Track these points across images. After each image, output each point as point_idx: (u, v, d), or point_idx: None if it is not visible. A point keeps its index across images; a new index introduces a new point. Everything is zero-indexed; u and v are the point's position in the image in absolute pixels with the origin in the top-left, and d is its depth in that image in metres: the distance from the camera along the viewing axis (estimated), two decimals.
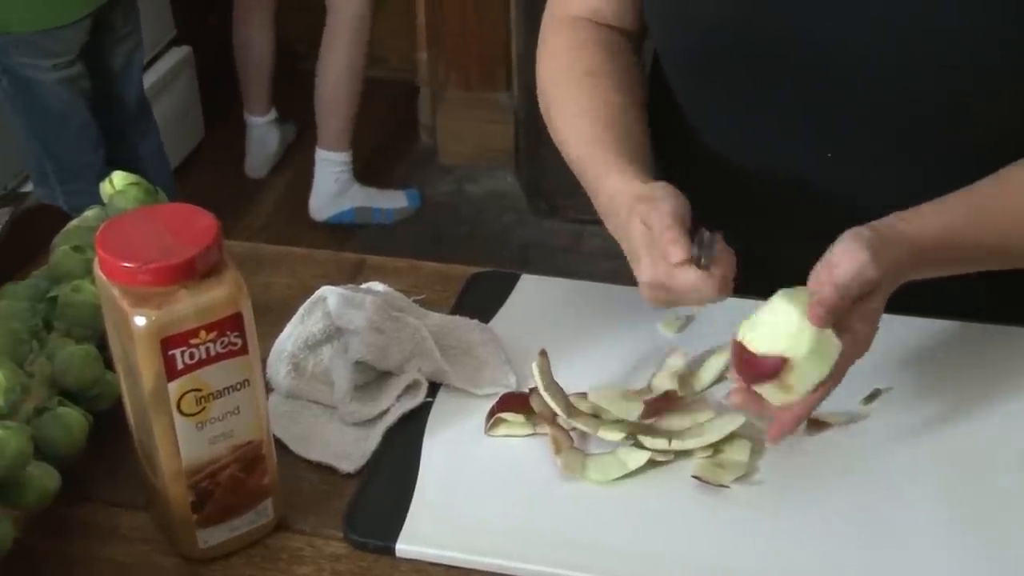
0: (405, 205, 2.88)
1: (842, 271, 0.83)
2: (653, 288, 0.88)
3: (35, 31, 2.11)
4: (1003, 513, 0.84)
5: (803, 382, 0.82)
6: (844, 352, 0.83)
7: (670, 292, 0.87)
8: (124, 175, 1.02)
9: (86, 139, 2.30)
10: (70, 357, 0.88)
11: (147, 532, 0.86)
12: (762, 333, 0.83)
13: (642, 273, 0.88)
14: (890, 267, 0.84)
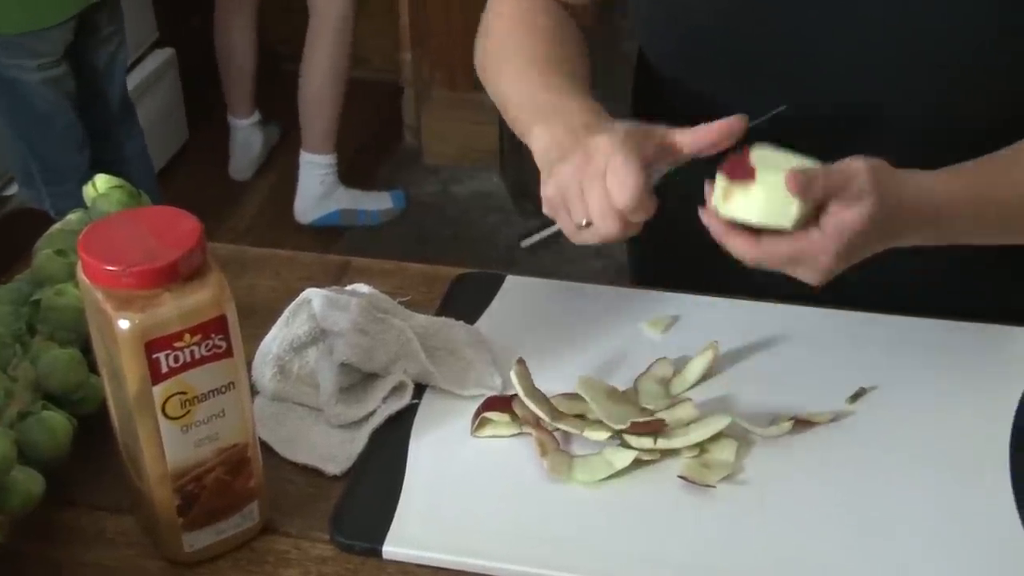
0: (390, 206, 2.88)
1: (834, 166, 0.82)
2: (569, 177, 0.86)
3: (21, 33, 2.11)
4: (988, 510, 0.85)
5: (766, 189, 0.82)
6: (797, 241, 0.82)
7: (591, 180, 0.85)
8: (107, 178, 1.02)
9: (71, 140, 2.29)
10: (54, 361, 0.88)
11: (132, 536, 0.86)
12: None
13: (568, 161, 0.86)
14: (890, 200, 0.83)
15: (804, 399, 0.93)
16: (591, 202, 0.86)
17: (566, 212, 0.88)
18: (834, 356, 0.98)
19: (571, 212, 0.88)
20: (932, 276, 1.05)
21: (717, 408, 0.92)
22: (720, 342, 0.97)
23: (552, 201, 0.89)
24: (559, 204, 0.88)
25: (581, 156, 0.86)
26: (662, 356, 0.97)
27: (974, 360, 0.98)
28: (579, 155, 0.87)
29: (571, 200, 0.87)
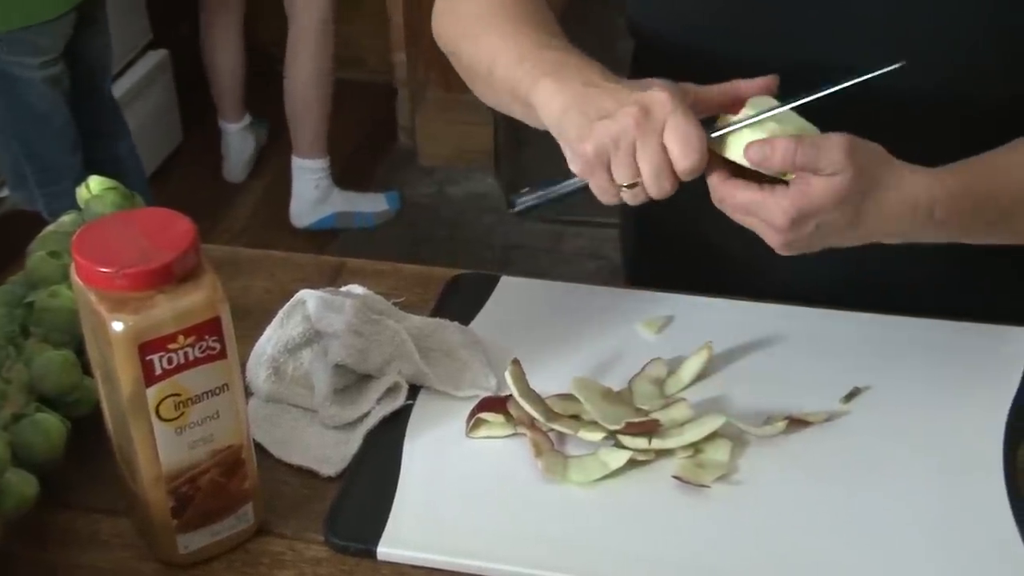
0: (386, 208, 2.88)
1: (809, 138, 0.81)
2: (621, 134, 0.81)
3: (23, 27, 2.11)
4: (982, 510, 0.85)
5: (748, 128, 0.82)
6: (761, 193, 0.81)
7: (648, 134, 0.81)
8: (101, 180, 1.02)
9: (67, 139, 2.30)
10: (48, 363, 0.88)
11: (127, 538, 0.86)
12: None
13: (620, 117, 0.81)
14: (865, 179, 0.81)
15: (798, 399, 0.93)
16: (646, 161, 0.81)
17: (604, 171, 0.82)
18: (828, 356, 0.98)
19: (615, 172, 0.82)
20: (926, 276, 1.05)
21: (712, 408, 0.92)
22: (714, 342, 0.97)
23: (591, 160, 0.82)
24: (598, 163, 0.82)
25: (638, 112, 0.80)
26: (656, 356, 0.97)
27: (968, 360, 0.98)
28: (634, 110, 0.80)
29: (619, 160, 0.81)
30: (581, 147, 0.82)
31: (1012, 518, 0.84)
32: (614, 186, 0.83)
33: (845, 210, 0.81)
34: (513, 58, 0.92)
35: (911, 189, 0.84)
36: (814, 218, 0.81)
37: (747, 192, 0.81)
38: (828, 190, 0.80)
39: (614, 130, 0.81)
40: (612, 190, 0.83)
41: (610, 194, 0.83)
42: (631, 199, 0.83)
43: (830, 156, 0.80)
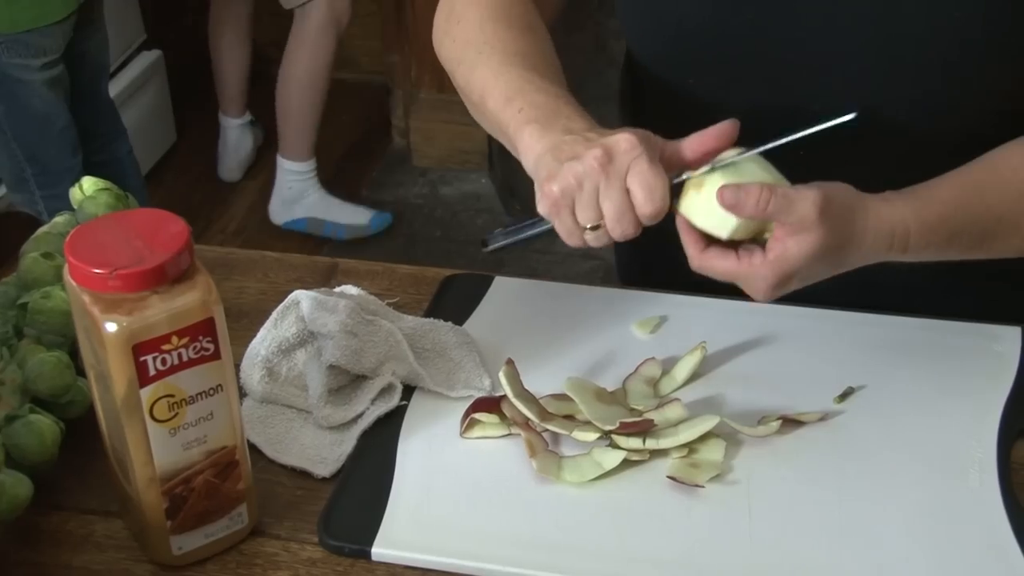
0: (364, 223, 2.82)
1: (781, 189, 0.81)
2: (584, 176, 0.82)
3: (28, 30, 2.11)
4: (976, 509, 0.85)
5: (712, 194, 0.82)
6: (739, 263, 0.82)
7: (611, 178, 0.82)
8: (94, 180, 1.01)
9: (68, 141, 2.30)
10: (41, 364, 0.88)
11: (121, 539, 0.86)
12: None
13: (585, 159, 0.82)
14: (842, 230, 0.82)
15: (792, 399, 0.94)
16: (608, 204, 0.83)
17: (569, 213, 0.85)
18: (822, 356, 0.98)
19: (579, 213, 0.84)
20: (919, 276, 1.05)
21: (705, 408, 0.92)
22: (708, 342, 0.97)
23: (557, 201, 0.84)
24: (564, 204, 0.84)
25: (601, 155, 0.82)
26: (650, 357, 0.97)
27: (962, 359, 0.98)
28: (598, 153, 0.82)
29: (583, 202, 0.83)
30: (548, 187, 0.84)
31: (1006, 517, 0.84)
32: (579, 228, 0.85)
33: (824, 262, 0.83)
34: (502, 97, 0.94)
35: (886, 225, 0.85)
36: (795, 276, 0.83)
37: (725, 263, 0.83)
38: (805, 250, 0.82)
39: (579, 171, 0.83)
40: (577, 232, 0.85)
41: (575, 236, 0.85)
42: (594, 241, 0.85)
43: (801, 211, 0.81)
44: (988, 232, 0.90)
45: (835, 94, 0.96)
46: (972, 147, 0.93)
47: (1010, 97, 0.94)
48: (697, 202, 0.83)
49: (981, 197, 0.89)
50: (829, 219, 0.81)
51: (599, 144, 0.83)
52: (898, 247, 0.86)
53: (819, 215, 0.81)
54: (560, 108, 0.90)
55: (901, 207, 0.86)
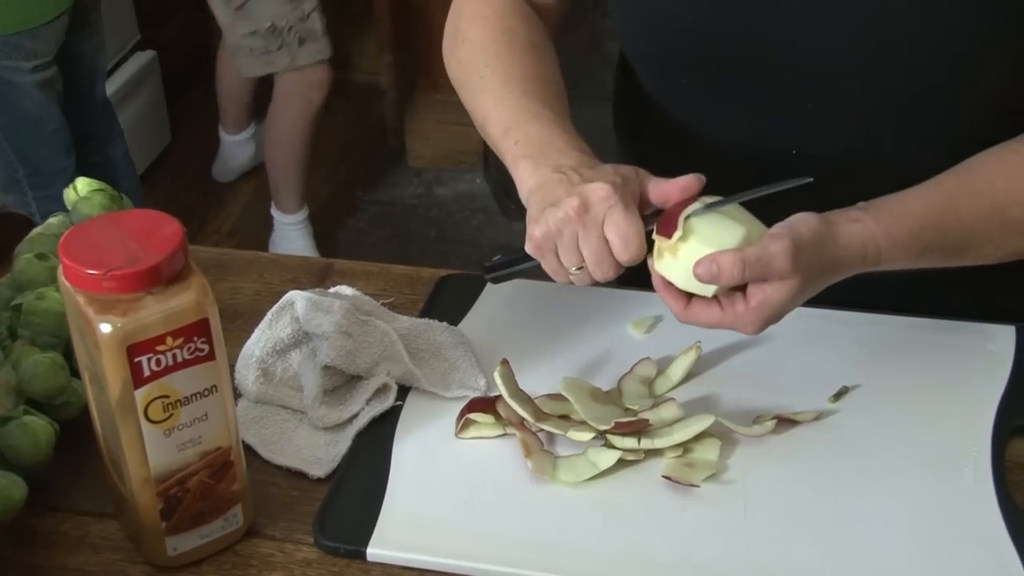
0: None
1: (753, 247, 0.83)
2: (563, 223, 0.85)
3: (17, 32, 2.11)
4: (971, 508, 0.85)
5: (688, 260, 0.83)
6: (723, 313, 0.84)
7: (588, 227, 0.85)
8: (88, 181, 1.01)
9: (60, 143, 2.30)
10: (35, 365, 0.87)
11: (116, 541, 0.85)
12: None
13: (563, 207, 0.85)
14: (814, 266, 0.84)
15: (787, 398, 0.94)
16: (587, 250, 0.86)
17: (553, 255, 0.88)
18: (817, 355, 0.99)
19: (562, 256, 0.87)
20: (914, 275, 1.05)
21: (701, 408, 0.92)
22: (703, 342, 0.97)
23: (540, 245, 0.88)
24: (546, 248, 0.88)
25: (578, 204, 0.85)
26: (646, 356, 0.97)
27: (956, 358, 0.98)
28: (575, 202, 0.85)
29: (564, 247, 0.87)
30: (532, 231, 0.88)
31: (1000, 516, 0.84)
32: (563, 268, 0.88)
33: (804, 294, 0.86)
34: (501, 127, 0.96)
35: (857, 246, 0.86)
36: (779, 314, 0.86)
37: (711, 315, 0.86)
38: (784, 294, 0.84)
39: (558, 219, 0.86)
40: (562, 271, 0.89)
41: (560, 275, 0.89)
42: (578, 280, 0.88)
43: (777, 266, 0.83)
44: (960, 244, 0.91)
45: (827, 94, 0.96)
46: (965, 145, 0.94)
47: (1002, 96, 0.95)
48: (674, 266, 0.85)
49: (954, 210, 0.90)
50: (803, 263, 0.84)
51: (576, 192, 0.86)
52: (871, 262, 0.88)
53: (793, 265, 0.83)
54: (553, 140, 0.93)
55: (871, 226, 0.87)
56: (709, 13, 0.97)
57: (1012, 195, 0.90)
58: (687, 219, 0.84)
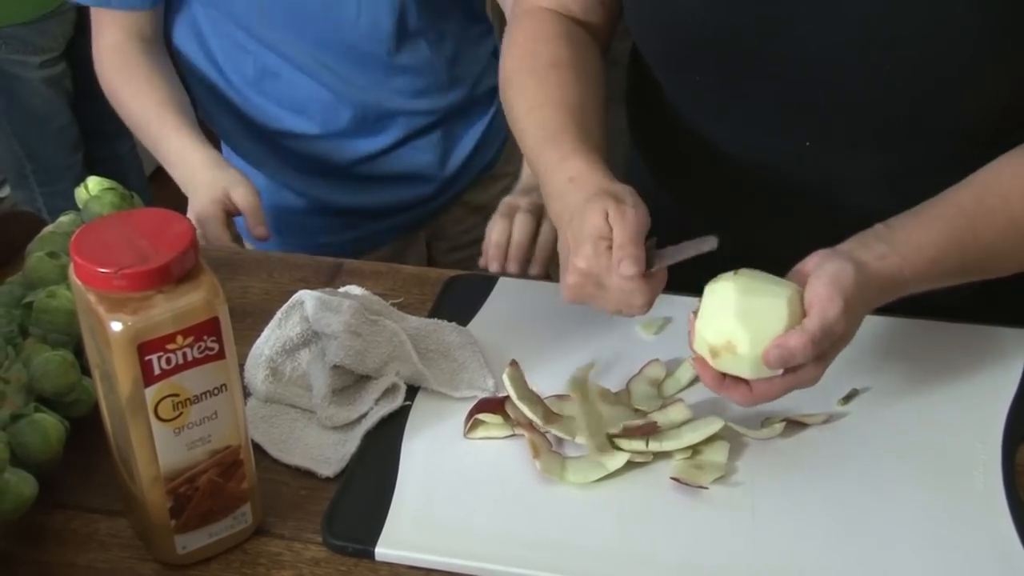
0: None
1: (814, 321, 0.83)
2: (584, 277, 0.88)
3: (22, 23, 2.12)
4: (981, 512, 0.85)
5: (752, 350, 0.84)
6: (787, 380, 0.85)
7: (599, 289, 0.88)
8: (99, 180, 1.02)
9: (67, 140, 2.31)
10: (46, 363, 0.88)
11: (125, 538, 0.86)
12: (708, 323, 0.85)
13: (580, 260, 0.88)
14: (861, 313, 0.86)
15: (796, 400, 0.93)
16: (608, 298, 0.88)
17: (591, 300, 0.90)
18: None
19: (594, 304, 0.90)
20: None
21: (709, 409, 0.92)
22: None
23: (575, 293, 0.90)
24: (583, 296, 0.90)
25: (590, 253, 0.87)
26: (655, 358, 0.97)
27: (967, 361, 0.98)
28: (588, 251, 0.88)
29: (592, 295, 0.89)
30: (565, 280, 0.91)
31: (1011, 520, 0.84)
32: None
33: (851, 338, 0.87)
34: (528, 158, 1.01)
35: (887, 283, 0.87)
36: (832, 358, 0.86)
37: (777, 385, 0.86)
38: (840, 346, 0.86)
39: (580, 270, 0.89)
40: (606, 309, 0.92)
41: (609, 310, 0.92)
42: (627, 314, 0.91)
43: (839, 331, 0.84)
44: (980, 263, 0.92)
45: (836, 86, 0.96)
46: (972, 143, 0.94)
47: (1008, 94, 0.95)
48: (738, 362, 0.85)
49: (972, 230, 0.90)
50: (852, 317, 0.85)
51: (583, 267, 0.88)
52: (896, 293, 0.89)
53: (847, 321, 0.84)
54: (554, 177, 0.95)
55: (897, 261, 0.87)
56: (719, 11, 0.97)
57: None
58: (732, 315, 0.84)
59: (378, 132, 1.43)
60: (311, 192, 1.47)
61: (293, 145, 1.44)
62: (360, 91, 1.39)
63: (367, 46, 1.36)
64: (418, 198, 1.49)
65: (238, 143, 1.45)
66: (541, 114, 1.00)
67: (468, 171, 1.51)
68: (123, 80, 1.40)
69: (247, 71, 1.40)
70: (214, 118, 1.46)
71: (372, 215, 1.47)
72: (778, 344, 0.83)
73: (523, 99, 1.02)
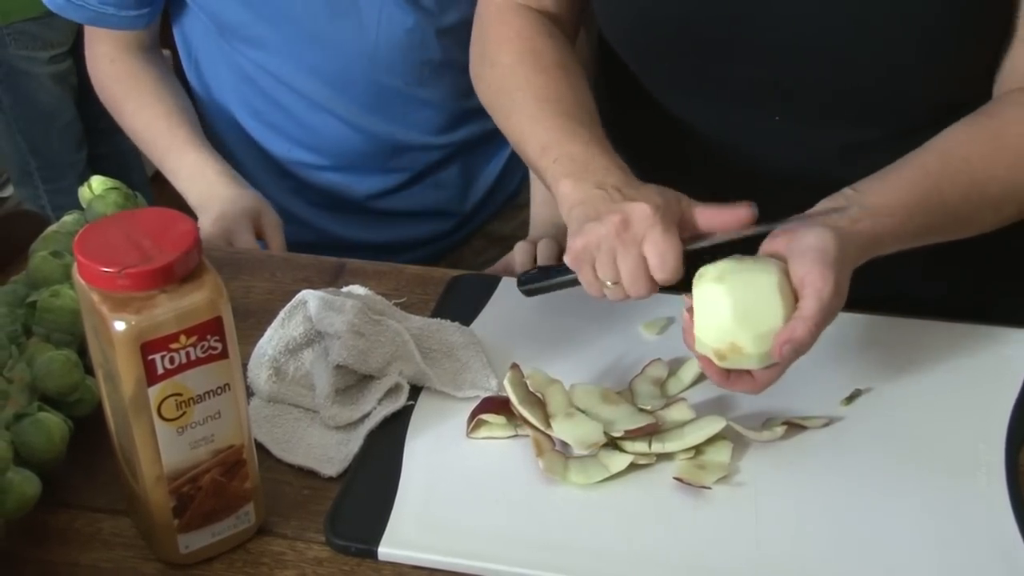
0: None
1: (813, 304, 0.83)
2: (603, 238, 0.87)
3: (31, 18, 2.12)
4: (984, 514, 0.85)
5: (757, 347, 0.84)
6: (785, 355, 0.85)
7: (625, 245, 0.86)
8: (103, 179, 1.02)
9: (72, 136, 2.31)
10: (50, 363, 0.88)
11: (128, 538, 0.86)
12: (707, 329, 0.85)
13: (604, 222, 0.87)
14: (848, 277, 0.86)
15: (799, 401, 0.94)
16: (624, 267, 0.87)
17: (590, 268, 0.89)
18: (829, 358, 0.98)
19: (599, 269, 0.89)
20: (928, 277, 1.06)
21: (712, 409, 0.92)
22: None
23: (579, 256, 0.89)
24: (585, 260, 0.89)
25: (619, 220, 0.86)
26: (657, 358, 0.97)
27: (969, 362, 0.98)
28: (617, 219, 0.87)
29: (601, 260, 0.88)
30: (572, 242, 0.89)
31: (1015, 522, 0.84)
32: (599, 281, 0.89)
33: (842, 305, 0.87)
34: (538, 147, 0.98)
35: (862, 242, 0.87)
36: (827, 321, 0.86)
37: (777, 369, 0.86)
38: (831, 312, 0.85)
39: (600, 234, 0.87)
40: (597, 284, 0.90)
41: (595, 288, 0.90)
42: (612, 295, 0.90)
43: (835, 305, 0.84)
44: (944, 225, 0.92)
45: (804, 65, 0.98)
46: (932, 113, 0.96)
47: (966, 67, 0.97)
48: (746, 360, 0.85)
49: (939, 193, 0.91)
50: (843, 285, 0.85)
51: (619, 210, 0.87)
52: (870, 255, 0.89)
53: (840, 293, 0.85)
54: (595, 159, 0.94)
55: (869, 223, 0.88)
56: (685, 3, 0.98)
57: (988, 172, 0.92)
58: None
59: (393, 168, 1.39)
60: (319, 225, 1.42)
61: (302, 175, 1.40)
62: (375, 124, 1.35)
63: (386, 79, 1.32)
64: (435, 234, 1.45)
65: (242, 170, 1.39)
66: (562, 106, 0.99)
67: (490, 204, 1.46)
68: (124, 92, 1.39)
69: (255, 102, 1.36)
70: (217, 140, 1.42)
71: (386, 250, 1.40)
72: (786, 339, 0.83)
73: (533, 93, 1.01)
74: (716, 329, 0.85)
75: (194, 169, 1.33)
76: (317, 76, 1.32)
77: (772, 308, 0.84)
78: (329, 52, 1.30)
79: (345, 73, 1.31)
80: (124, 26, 1.35)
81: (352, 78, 1.32)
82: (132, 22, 1.35)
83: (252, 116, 1.38)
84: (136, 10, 1.34)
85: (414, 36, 1.30)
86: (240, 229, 1.25)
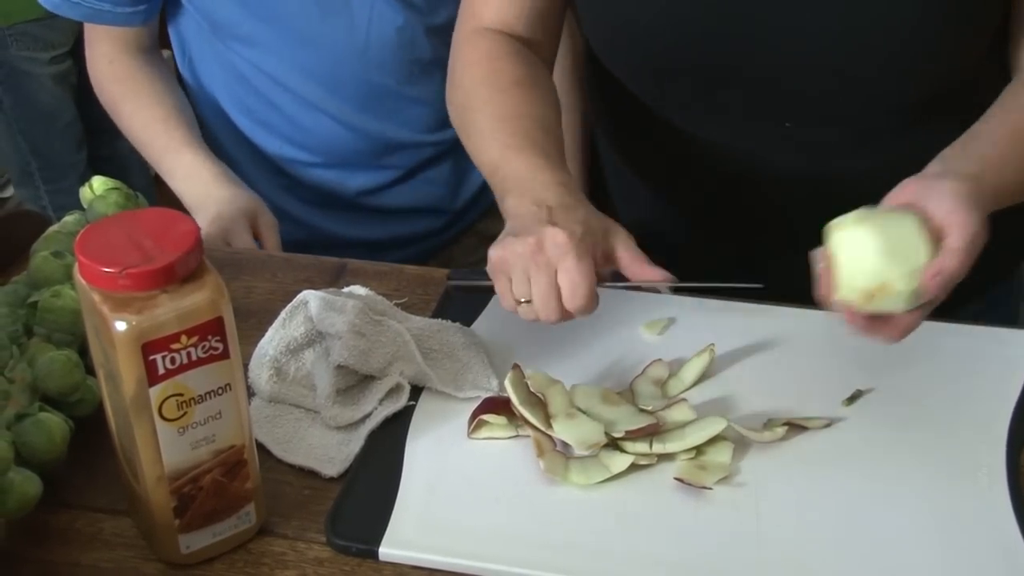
0: None
1: (956, 237, 0.82)
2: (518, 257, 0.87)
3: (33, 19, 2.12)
4: (985, 514, 0.85)
5: (908, 284, 0.83)
6: None
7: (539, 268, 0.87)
8: (104, 180, 1.02)
9: (73, 137, 2.31)
10: (51, 363, 0.88)
11: (129, 538, 0.86)
12: (853, 272, 0.84)
13: (521, 242, 0.87)
14: (986, 220, 0.84)
15: (801, 401, 0.94)
16: (536, 288, 0.87)
17: (506, 280, 0.89)
18: (831, 358, 0.98)
19: (514, 287, 0.89)
20: None
21: (713, 410, 0.92)
22: (716, 344, 0.97)
23: (495, 267, 0.90)
24: (500, 272, 0.90)
25: (534, 243, 0.87)
26: (658, 358, 0.97)
27: (971, 362, 0.98)
28: (532, 240, 0.87)
29: (517, 278, 0.88)
30: (490, 252, 0.90)
31: (1016, 522, 0.84)
32: (511, 295, 0.90)
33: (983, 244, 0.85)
34: (490, 165, 0.99)
35: (986, 191, 0.86)
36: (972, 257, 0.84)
37: (921, 314, 0.85)
38: None
39: (516, 251, 0.88)
40: (509, 299, 0.90)
41: (508, 301, 0.91)
42: (523, 314, 0.90)
43: (981, 239, 0.83)
44: None
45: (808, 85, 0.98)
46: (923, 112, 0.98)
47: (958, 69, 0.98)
48: (895, 300, 0.84)
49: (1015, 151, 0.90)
50: (984, 224, 0.84)
51: (536, 232, 0.88)
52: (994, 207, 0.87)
53: (985, 229, 0.84)
54: (536, 175, 0.94)
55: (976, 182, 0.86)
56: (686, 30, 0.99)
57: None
58: None
59: (384, 165, 1.39)
60: (311, 222, 1.43)
61: (294, 172, 1.40)
62: (366, 122, 1.36)
63: (377, 78, 1.33)
64: (427, 231, 1.45)
65: (235, 167, 1.40)
66: (515, 124, 1.00)
67: (481, 202, 1.47)
68: (123, 92, 1.39)
69: (247, 100, 1.37)
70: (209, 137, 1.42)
71: (378, 247, 1.42)
72: (937, 272, 0.82)
73: (491, 111, 1.02)
74: (863, 272, 0.83)
75: (191, 170, 1.33)
76: (308, 74, 1.33)
77: (918, 246, 0.83)
78: (320, 51, 1.31)
79: (336, 71, 1.32)
80: (120, 23, 1.35)
81: (343, 76, 1.32)
82: (128, 19, 1.35)
83: (244, 114, 1.39)
84: (132, 7, 1.34)
85: (404, 35, 1.31)
86: (237, 229, 1.25)
